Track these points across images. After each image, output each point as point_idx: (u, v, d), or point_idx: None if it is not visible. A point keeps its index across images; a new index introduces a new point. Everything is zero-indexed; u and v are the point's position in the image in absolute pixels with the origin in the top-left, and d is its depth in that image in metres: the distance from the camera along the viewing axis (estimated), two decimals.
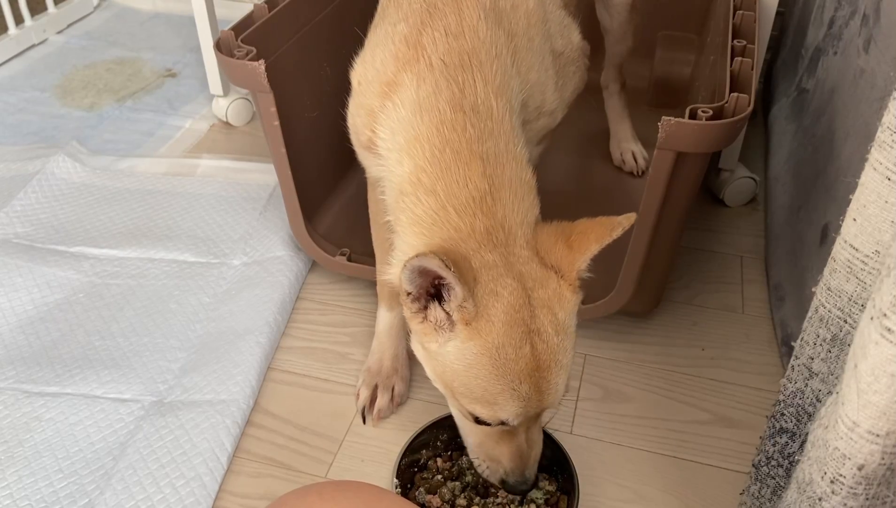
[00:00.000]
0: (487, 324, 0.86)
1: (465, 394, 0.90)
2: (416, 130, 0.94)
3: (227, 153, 1.79)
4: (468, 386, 0.89)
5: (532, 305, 0.87)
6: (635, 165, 1.65)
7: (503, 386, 0.87)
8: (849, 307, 0.75)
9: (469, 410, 0.91)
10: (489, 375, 0.87)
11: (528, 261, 0.89)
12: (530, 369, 0.86)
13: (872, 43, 1.13)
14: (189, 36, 2.27)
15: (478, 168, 0.91)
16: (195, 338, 1.31)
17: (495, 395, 0.87)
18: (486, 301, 0.86)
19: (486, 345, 0.86)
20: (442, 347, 0.89)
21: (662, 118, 1.03)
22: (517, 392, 0.87)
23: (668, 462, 1.14)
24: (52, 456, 1.11)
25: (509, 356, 0.86)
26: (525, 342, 0.86)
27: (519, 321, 0.86)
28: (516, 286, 0.87)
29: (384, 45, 1.01)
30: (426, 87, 0.94)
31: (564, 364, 0.89)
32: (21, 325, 1.32)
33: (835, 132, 1.25)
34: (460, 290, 0.84)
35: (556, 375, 0.88)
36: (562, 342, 0.89)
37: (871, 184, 0.67)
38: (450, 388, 0.92)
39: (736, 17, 1.29)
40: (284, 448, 1.15)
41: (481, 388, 0.87)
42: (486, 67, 0.96)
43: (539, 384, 0.87)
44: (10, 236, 1.50)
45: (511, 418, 0.89)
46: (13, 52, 2.18)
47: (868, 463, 0.65)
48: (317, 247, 1.39)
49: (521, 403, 0.88)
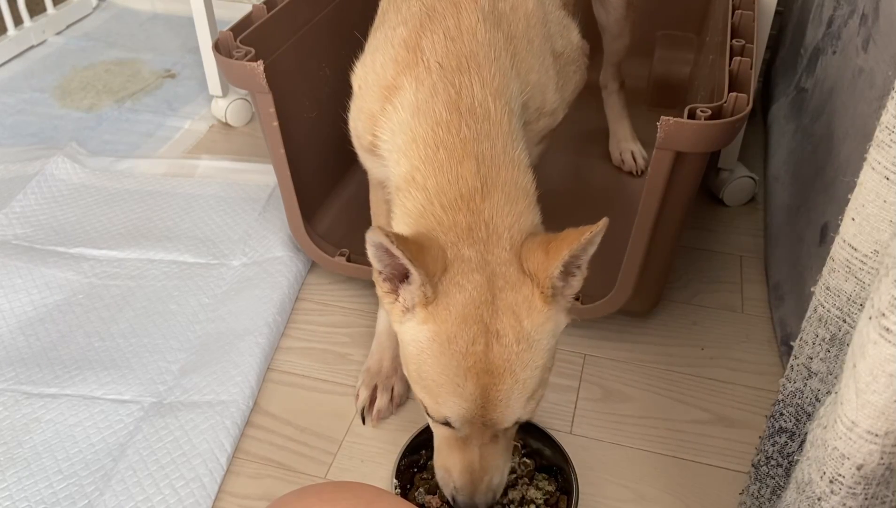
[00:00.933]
0: (444, 311, 0.84)
1: (417, 381, 0.89)
2: (413, 132, 0.94)
3: (227, 154, 1.79)
4: (419, 372, 0.88)
5: (496, 306, 0.84)
6: (634, 165, 1.65)
7: (447, 379, 0.84)
8: (847, 307, 0.75)
9: (420, 398, 0.90)
10: (436, 363, 0.85)
11: (505, 263, 0.87)
12: (479, 369, 0.83)
13: (871, 42, 1.13)
14: (188, 37, 2.27)
15: (471, 167, 0.90)
16: (195, 339, 1.31)
17: (439, 386, 0.85)
18: (448, 290, 0.85)
19: (437, 331, 0.85)
20: (402, 327, 0.89)
21: (661, 118, 1.03)
22: (461, 390, 0.84)
23: (667, 462, 1.14)
24: (52, 457, 1.11)
25: (459, 349, 0.83)
26: (480, 339, 0.83)
27: (477, 317, 0.84)
28: (483, 283, 0.85)
29: (384, 49, 1.02)
30: (424, 89, 0.95)
31: (522, 379, 0.85)
32: (21, 326, 1.32)
33: (834, 132, 1.25)
34: (414, 271, 0.83)
35: (508, 386, 0.84)
36: (523, 352, 0.84)
37: (869, 183, 0.67)
38: (408, 372, 0.91)
39: (735, 17, 1.29)
40: (284, 449, 1.15)
41: (428, 376, 0.86)
42: (485, 70, 0.95)
43: (487, 389, 0.84)
44: (10, 238, 1.50)
45: (452, 417, 0.86)
46: (12, 53, 2.18)
47: (867, 463, 0.65)
48: (316, 247, 1.39)
49: (464, 403, 0.85)
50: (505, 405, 0.85)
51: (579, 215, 1.63)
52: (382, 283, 0.89)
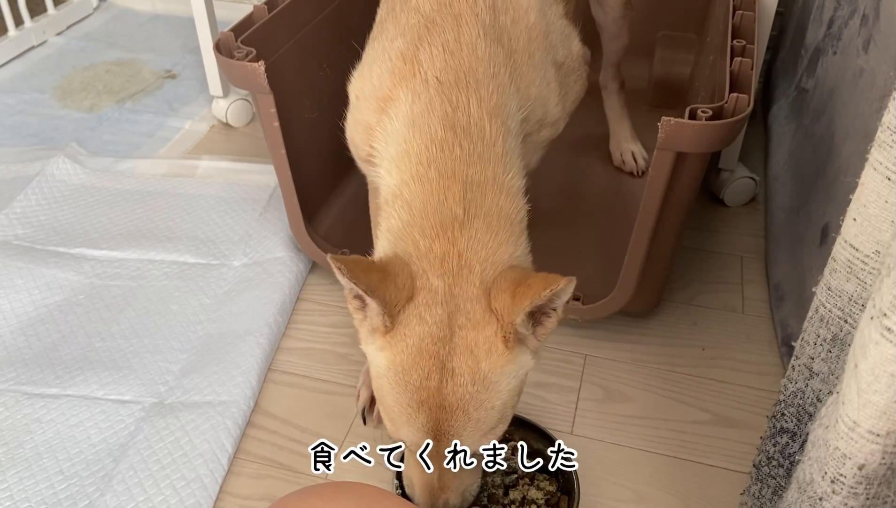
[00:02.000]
0: (401, 342, 0.84)
1: (378, 400, 0.90)
2: (406, 145, 0.93)
3: (227, 154, 1.79)
4: (379, 394, 0.88)
5: (454, 343, 0.83)
6: (635, 166, 1.65)
7: (401, 408, 0.84)
8: (849, 307, 0.75)
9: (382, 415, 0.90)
10: (391, 391, 0.85)
11: (472, 299, 0.85)
12: (432, 404, 0.83)
13: (872, 43, 1.13)
14: (189, 37, 2.27)
15: (457, 192, 0.89)
16: (195, 339, 1.31)
17: (395, 413, 0.86)
18: (408, 321, 0.84)
19: (392, 361, 0.84)
20: (366, 347, 0.89)
21: (662, 118, 1.03)
22: (413, 420, 0.84)
23: (668, 463, 1.14)
24: (53, 458, 1.11)
25: (412, 382, 0.83)
26: (434, 376, 0.83)
27: (433, 353, 0.83)
28: (444, 318, 0.84)
29: (381, 60, 1.01)
30: (420, 103, 0.94)
31: (476, 419, 0.84)
32: (21, 327, 1.32)
33: (834, 132, 1.25)
34: (370, 301, 0.83)
35: (461, 424, 0.84)
36: (478, 393, 0.83)
37: (870, 184, 0.67)
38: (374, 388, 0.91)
39: (735, 17, 1.29)
40: (285, 449, 1.15)
41: (385, 401, 0.87)
42: (483, 87, 0.94)
43: (439, 423, 0.84)
44: (11, 238, 1.50)
45: (407, 442, 0.87)
46: (12, 53, 2.18)
47: (868, 463, 0.65)
48: (317, 248, 1.39)
49: (416, 433, 0.85)
50: (457, 438, 0.85)
51: (579, 216, 1.64)
52: (352, 300, 0.88)
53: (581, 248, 1.45)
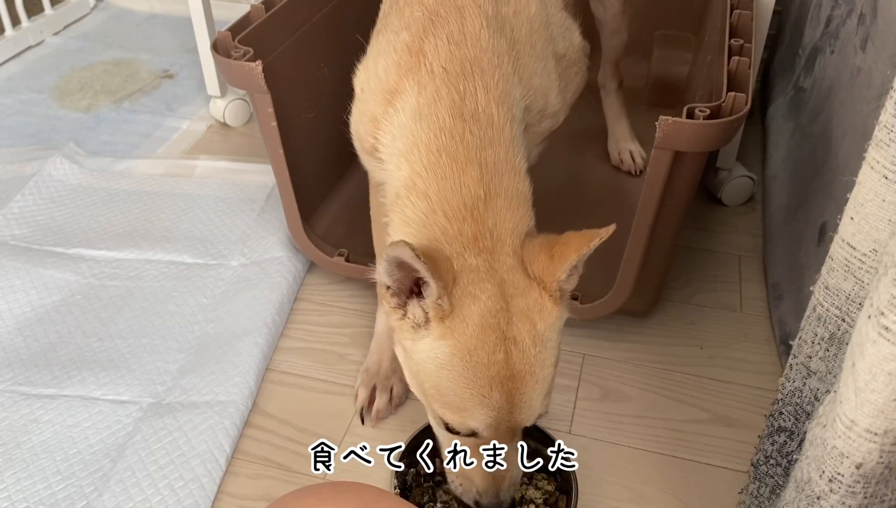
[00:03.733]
0: (461, 324, 0.85)
1: (436, 397, 0.88)
2: (415, 137, 0.94)
3: (225, 154, 1.79)
4: (438, 389, 0.87)
5: (510, 312, 0.85)
6: (633, 165, 1.65)
7: (473, 392, 0.85)
8: (846, 306, 0.75)
9: (439, 415, 0.90)
10: (459, 378, 0.85)
11: (512, 269, 0.88)
12: (503, 377, 0.84)
13: (869, 42, 1.13)
14: (186, 37, 2.27)
15: (474, 174, 0.90)
16: (193, 339, 1.31)
17: (464, 400, 0.85)
18: (462, 302, 0.85)
19: (457, 346, 0.85)
20: (416, 344, 0.88)
21: (660, 118, 1.03)
22: (487, 400, 0.85)
23: (666, 462, 1.14)
24: (50, 458, 1.11)
25: (481, 360, 0.84)
26: (499, 348, 0.84)
27: (494, 326, 0.84)
28: (496, 292, 0.86)
29: (386, 53, 1.01)
30: (427, 94, 0.95)
31: (541, 378, 0.86)
32: (19, 327, 1.32)
33: (832, 131, 1.25)
34: (434, 285, 0.83)
35: (531, 388, 0.86)
36: (539, 353, 0.86)
37: (868, 182, 0.67)
38: (423, 391, 0.91)
39: (733, 17, 1.29)
40: (283, 449, 1.15)
41: (451, 391, 0.86)
42: (488, 76, 0.95)
43: (512, 394, 0.85)
44: (8, 238, 1.50)
45: (480, 427, 0.87)
46: (10, 53, 2.18)
47: (866, 462, 0.65)
48: (315, 248, 1.39)
49: (491, 412, 0.85)
50: (529, 406, 0.87)
51: (578, 215, 1.63)
52: (390, 299, 0.89)
53: None
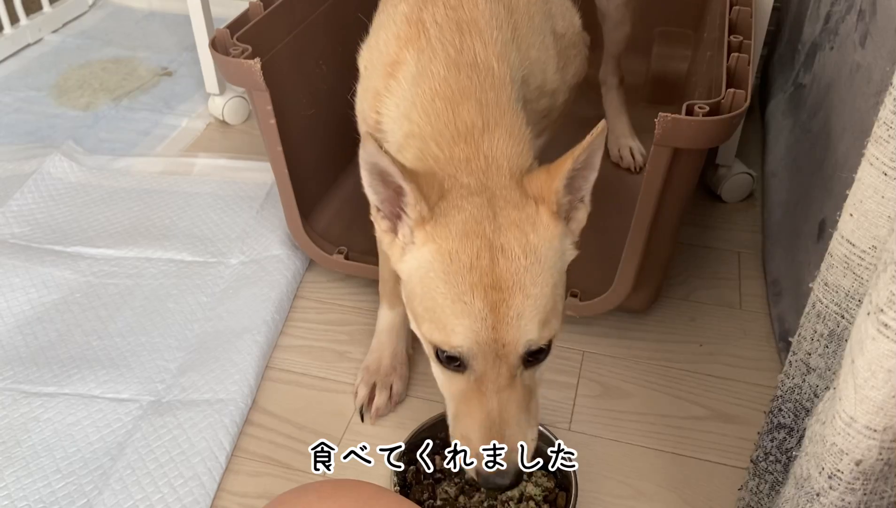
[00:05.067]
0: (444, 230, 0.82)
1: (423, 316, 0.85)
2: (413, 97, 0.95)
3: (224, 152, 1.79)
4: (424, 304, 0.84)
5: (500, 222, 0.82)
6: (633, 162, 1.65)
7: (454, 298, 0.80)
8: (846, 303, 0.75)
9: (428, 338, 0.85)
10: (441, 284, 0.81)
11: (506, 187, 0.85)
12: (486, 284, 0.79)
13: (869, 38, 1.12)
14: (184, 34, 2.27)
15: (471, 109, 0.90)
16: (193, 337, 1.31)
17: (446, 311, 0.81)
18: (447, 212, 0.83)
19: (438, 249, 0.82)
20: (406, 263, 0.86)
21: (659, 114, 1.03)
22: (468, 307, 0.80)
23: (666, 458, 1.14)
24: (50, 457, 1.11)
25: (463, 264, 0.80)
26: (484, 254, 0.80)
27: (479, 233, 0.81)
28: (484, 203, 0.83)
29: (386, 26, 1.03)
30: (424, 57, 0.96)
31: (533, 295, 0.80)
32: (18, 325, 1.32)
33: (831, 128, 1.25)
34: (407, 187, 0.81)
35: (519, 301, 0.80)
36: (531, 266, 0.81)
37: (867, 179, 0.67)
38: (415, 316, 0.87)
39: (732, 13, 1.29)
40: (283, 447, 1.15)
41: (435, 302, 0.82)
42: (486, 35, 0.96)
43: (496, 306, 0.79)
44: (7, 237, 1.49)
45: (464, 344, 0.81)
46: (8, 51, 2.18)
47: (865, 458, 0.65)
48: (314, 245, 1.39)
49: (473, 324, 0.80)
50: (516, 325, 0.80)
51: None
52: (381, 221, 0.88)
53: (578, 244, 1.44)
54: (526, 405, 0.86)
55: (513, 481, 0.85)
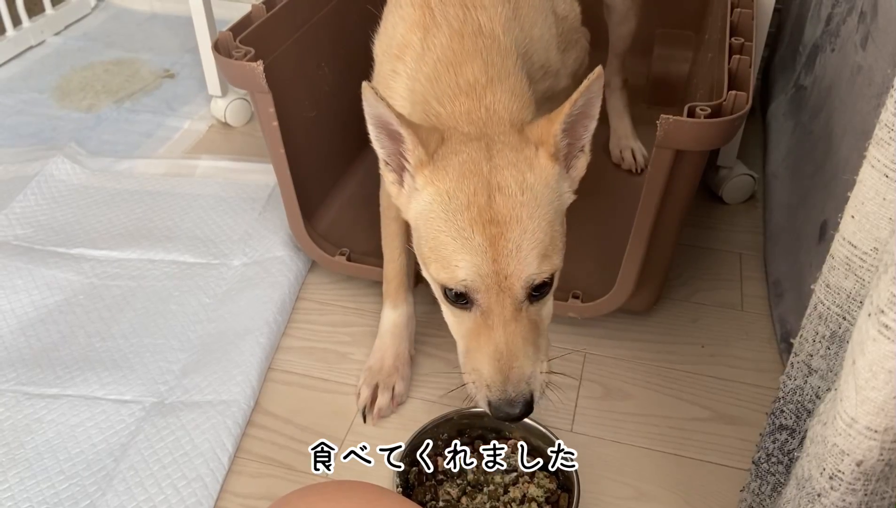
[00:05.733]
0: (442, 172, 0.87)
1: (430, 256, 0.88)
2: (417, 72, 0.98)
3: (226, 154, 1.79)
4: (429, 244, 0.88)
5: (496, 162, 0.86)
6: (634, 163, 1.65)
7: (455, 235, 0.84)
8: (847, 304, 0.75)
9: (434, 278, 0.89)
10: (442, 223, 0.85)
11: (506, 133, 0.90)
12: (484, 219, 0.83)
13: (870, 40, 1.13)
14: (187, 37, 2.27)
15: (476, 67, 0.94)
16: (195, 339, 1.31)
17: (449, 248, 0.85)
18: (445, 157, 0.87)
19: (438, 190, 0.86)
20: (410, 209, 0.91)
21: (661, 116, 1.03)
22: (469, 243, 0.84)
23: (668, 460, 1.14)
24: (54, 458, 1.11)
25: (461, 202, 0.84)
26: (482, 192, 0.84)
27: (476, 173, 0.85)
28: (481, 147, 0.87)
29: (394, 12, 1.06)
30: (430, 35, 0.99)
31: (530, 229, 0.84)
32: (21, 327, 1.32)
33: (833, 129, 1.25)
34: (404, 131, 0.86)
35: (516, 234, 0.84)
36: (528, 201, 0.85)
37: (868, 181, 0.67)
38: (423, 258, 0.91)
39: (733, 15, 1.29)
40: (285, 448, 1.15)
41: (437, 241, 0.86)
42: (490, 10, 0.99)
43: (496, 240, 0.83)
44: (10, 239, 1.50)
45: (468, 277, 0.84)
46: (11, 53, 2.18)
47: (866, 459, 0.66)
48: (316, 247, 1.40)
49: (474, 258, 0.84)
50: (516, 257, 0.84)
51: (578, 214, 1.63)
52: (388, 173, 0.92)
53: (580, 246, 1.45)
54: (533, 340, 0.89)
55: (523, 410, 0.87)
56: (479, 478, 1.07)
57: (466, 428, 1.13)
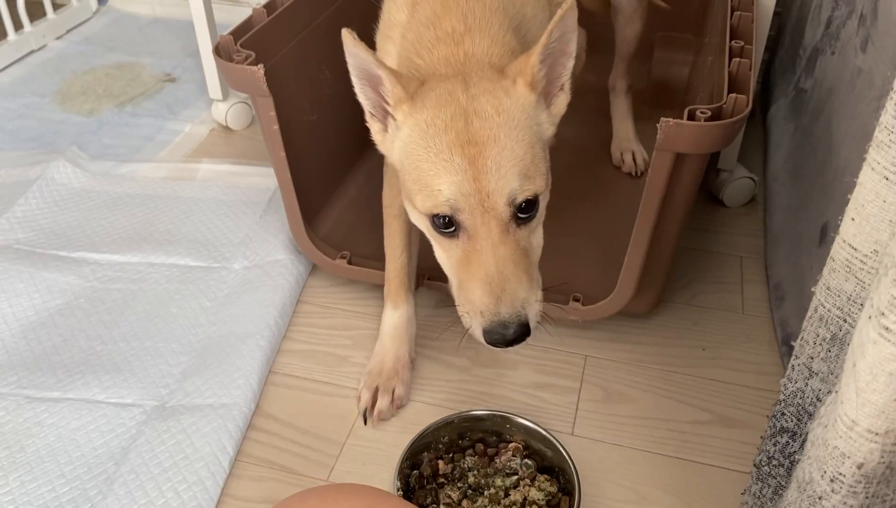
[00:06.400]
0: (420, 105, 0.90)
1: (414, 189, 0.91)
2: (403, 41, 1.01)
3: (227, 157, 1.80)
4: (412, 176, 0.91)
5: (472, 92, 0.89)
6: (633, 166, 1.65)
7: (435, 159, 0.87)
8: (848, 307, 0.75)
9: (421, 210, 0.91)
10: (422, 151, 0.89)
11: (484, 68, 0.93)
12: (463, 141, 0.87)
13: (870, 43, 1.13)
14: (188, 41, 2.28)
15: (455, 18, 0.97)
16: (196, 342, 1.31)
17: (430, 173, 0.88)
18: (423, 94, 0.91)
19: (416, 122, 0.90)
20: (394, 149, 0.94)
21: (661, 119, 1.03)
22: (449, 164, 0.87)
23: (669, 463, 1.14)
24: (55, 461, 1.11)
25: (439, 128, 0.88)
26: (459, 118, 0.88)
27: (452, 102, 0.89)
28: (458, 81, 0.91)
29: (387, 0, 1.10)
30: (416, 9, 1.02)
31: (508, 147, 0.87)
32: (23, 330, 1.32)
33: (833, 132, 1.25)
34: (381, 73, 0.89)
35: (495, 152, 0.86)
36: (505, 122, 0.88)
37: (869, 183, 0.67)
38: (408, 194, 0.93)
39: (733, 18, 1.29)
40: (286, 452, 1.15)
41: (420, 169, 0.89)
42: None
43: (475, 159, 0.86)
44: (12, 242, 1.50)
45: (451, 196, 0.87)
46: (12, 57, 2.19)
47: (867, 462, 0.66)
48: (317, 250, 1.40)
49: (455, 177, 0.86)
50: (496, 174, 0.86)
51: (579, 217, 1.63)
52: (374, 123, 0.96)
53: (581, 249, 1.45)
54: (525, 268, 0.90)
55: (517, 332, 0.88)
56: (479, 481, 1.07)
57: (467, 431, 1.13)
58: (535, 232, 0.93)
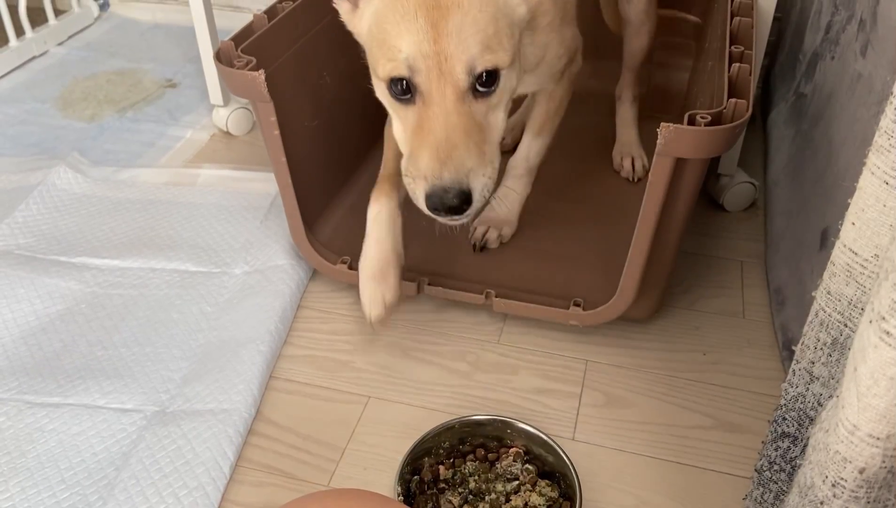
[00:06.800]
0: None
1: (378, 55, 0.93)
2: None
3: (228, 163, 1.80)
4: (376, 41, 0.93)
5: None
6: (632, 172, 1.66)
7: (399, 20, 0.89)
8: (849, 311, 0.75)
9: (381, 76, 0.93)
10: (389, 14, 0.90)
11: None
12: (428, 5, 0.88)
13: (870, 47, 1.13)
14: (189, 46, 2.28)
15: None
16: (197, 347, 1.31)
17: (392, 34, 0.90)
18: None
19: None
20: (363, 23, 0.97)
21: (661, 124, 1.04)
22: (412, 25, 0.88)
23: (670, 468, 1.14)
24: (55, 467, 1.11)
25: None
26: None
27: None
28: None
29: None
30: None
31: (471, 12, 0.88)
32: (23, 336, 1.32)
33: (833, 137, 1.26)
34: None
35: (458, 17, 0.88)
36: None
37: (869, 188, 0.67)
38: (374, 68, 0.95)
39: (733, 23, 1.30)
40: (286, 457, 1.15)
41: (385, 33, 0.91)
42: None
43: (437, 22, 0.87)
44: (13, 248, 1.50)
45: (410, 54, 0.89)
46: (14, 64, 2.19)
47: (869, 466, 0.66)
48: (318, 255, 1.40)
49: (416, 35, 0.88)
50: (457, 38, 0.88)
51: (579, 222, 1.63)
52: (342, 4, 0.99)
53: (581, 254, 1.45)
54: (477, 141, 0.91)
55: (458, 199, 0.89)
56: (480, 486, 1.07)
57: (468, 436, 1.13)
58: (494, 109, 0.94)
